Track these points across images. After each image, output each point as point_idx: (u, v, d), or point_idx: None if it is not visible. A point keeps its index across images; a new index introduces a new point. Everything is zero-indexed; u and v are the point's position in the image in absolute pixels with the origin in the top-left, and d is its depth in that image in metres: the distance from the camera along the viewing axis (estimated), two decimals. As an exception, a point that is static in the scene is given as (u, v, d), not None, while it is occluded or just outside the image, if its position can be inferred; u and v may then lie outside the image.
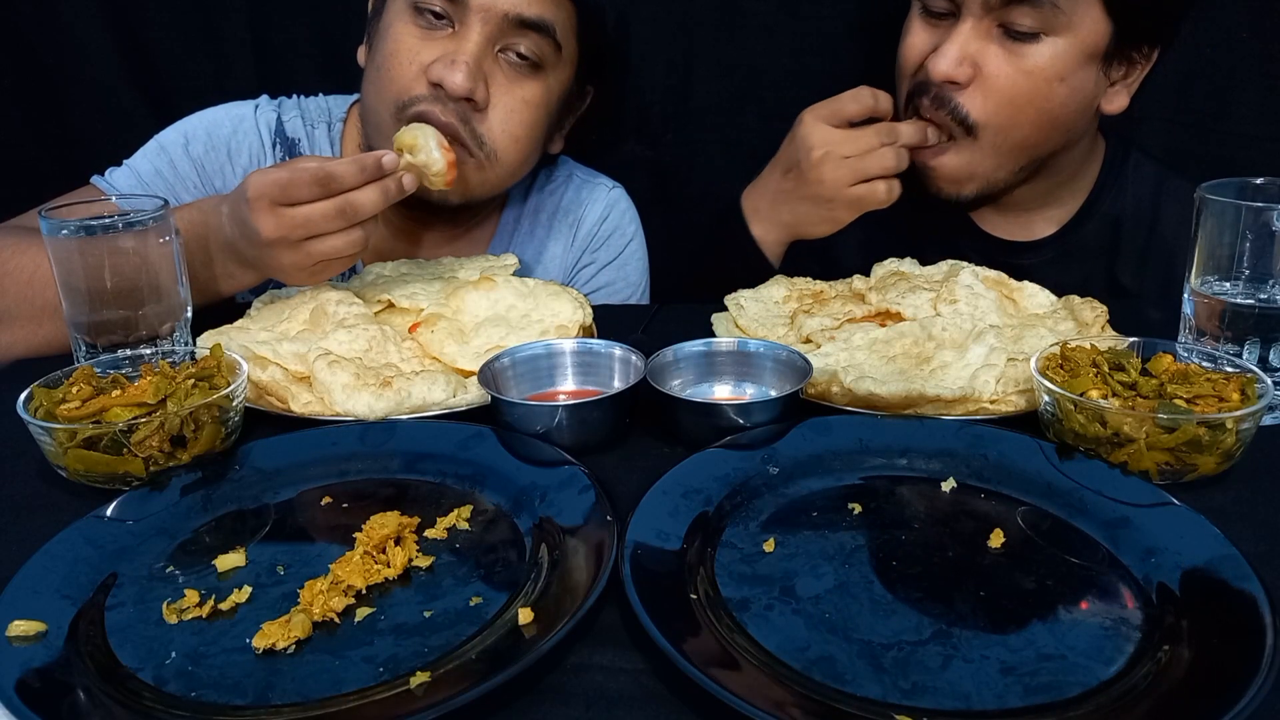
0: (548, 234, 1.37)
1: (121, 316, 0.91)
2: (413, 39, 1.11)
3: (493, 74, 1.12)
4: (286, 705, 0.53)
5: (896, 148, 1.11)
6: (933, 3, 1.13)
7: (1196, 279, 0.87)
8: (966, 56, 1.09)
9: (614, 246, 1.39)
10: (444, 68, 1.08)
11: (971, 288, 1.00)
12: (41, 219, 0.88)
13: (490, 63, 1.12)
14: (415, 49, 1.11)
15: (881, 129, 1.12)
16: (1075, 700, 0.52)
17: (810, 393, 0.87)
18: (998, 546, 0.66)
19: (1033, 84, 1.09)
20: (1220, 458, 0.73)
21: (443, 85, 1.09)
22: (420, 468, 0.78)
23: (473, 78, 1.09)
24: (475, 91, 1.10)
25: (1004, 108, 1.11)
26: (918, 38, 1.15)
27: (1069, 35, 1.08)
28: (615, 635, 0.58)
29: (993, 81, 1.10)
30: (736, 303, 1.06)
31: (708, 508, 0.70)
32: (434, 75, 1.09)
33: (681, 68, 1.47)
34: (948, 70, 1.09)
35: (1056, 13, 1.06)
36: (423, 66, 1.10)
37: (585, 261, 1.38)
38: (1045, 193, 1.25)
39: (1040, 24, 1.07)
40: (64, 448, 0.73)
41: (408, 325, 0.99)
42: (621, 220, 1.39)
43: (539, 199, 1.37)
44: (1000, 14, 1.07)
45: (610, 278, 1.39)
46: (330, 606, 0.60)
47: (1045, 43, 1.08)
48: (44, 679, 0.54)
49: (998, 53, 1.09)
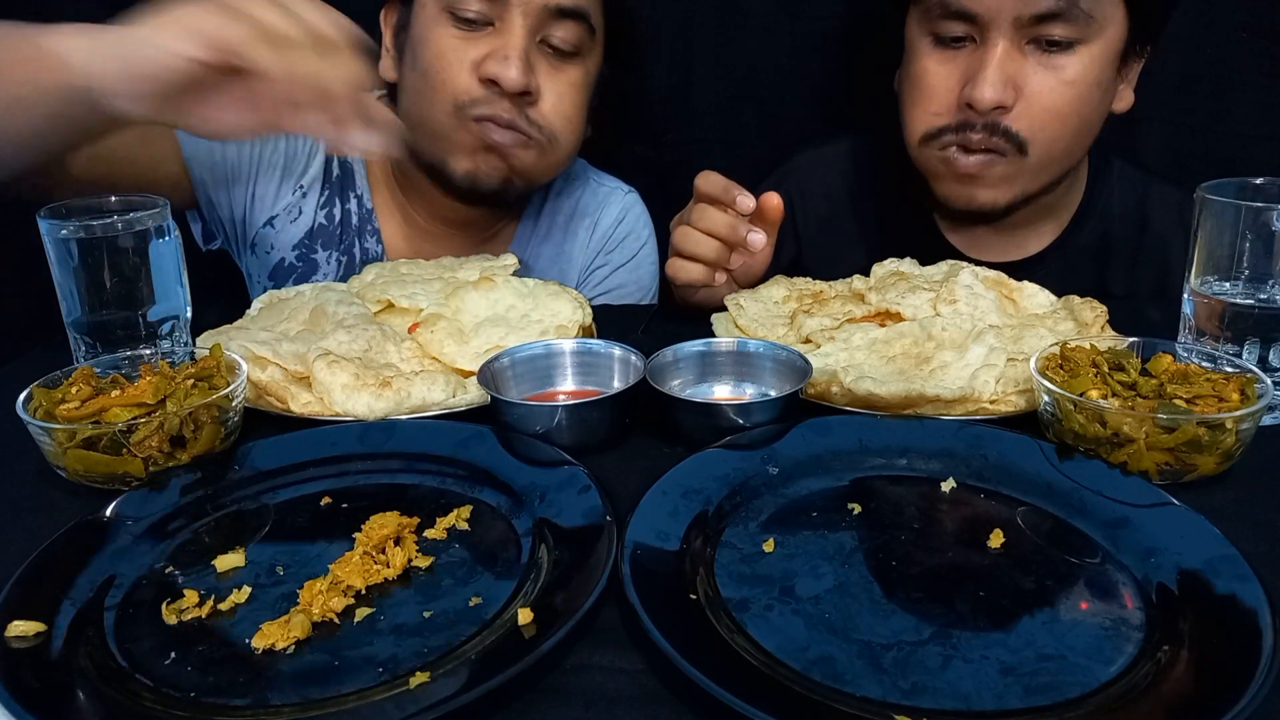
0: (565, 235, 1.39)
1: (121, 316, 0.91)
2: (456, 41, 1.13)
3: (538, 64, 1.15)
4: (286, 705, 0.53)
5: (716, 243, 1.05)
6: (947, 29, 1.10)
7: (1196, 279, 0.86)
8: (1008, 79, 1.07)
9: (628, 249, 1.41)
10: (497, 64, 1.11)
11: (971, 288, 1.00)
12: (41, 219, 0.88)
13: (534, 54, 1.15)
14: (462, 50, 1.13)
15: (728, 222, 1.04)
16: (1075, 701, 0.52)
17: (810, 393, 0.87)
18: (997, 547, 0.66)
19: (1075, 93, 1.08)
20: (1220, 458, 0.73)
21: (498, 81, 1.11)
22: (420, 468, 0.78)
23: (526, 71, 1.12)
24: (530, 84, 1.13)
25: (1050, 122, 1.10)
26: (937, 71, 1.12)
27: (1100, 40, 1.07)
28: (615, 635, 0.58)
29: (1037, 98, 1.08)
30: (736, 303, 1.06)
31: (707, 508, 0.70)
32: (488, 72, 1.11)
33: (681, 68, 1.47)
34: (996, 97, 1.07)
35: (1089, 21, 1.05)
36: (473, 66, 1.12)
37: (599, 263, 1.40)
38: (1039, 207, 1.23)
39: (1075, 34, 1.06)
40: (63, 448, 0.73)
41: (407, 325, 0.99)
42: (636, 224, 1.41)
43: (556, 202, 1.39)
44: (1031, 30, 1.06)
45: (623, 280, 1.41)
46: (330, 607, 0.60)
47: (1080, 52, 1.07)
48: (43, 679, 0.54)
49: (1036, 69, 1.07)
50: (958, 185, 1.16)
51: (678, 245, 1.08)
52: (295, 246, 1.30)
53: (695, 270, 1.07)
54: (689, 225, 1.06)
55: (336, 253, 1.31)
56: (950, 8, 1.08)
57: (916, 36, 1.15)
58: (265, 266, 1.30)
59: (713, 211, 1.05)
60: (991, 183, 1.14)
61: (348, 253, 1.31)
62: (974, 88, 1.07)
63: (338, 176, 1.31)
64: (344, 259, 1.31)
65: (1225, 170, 0.88)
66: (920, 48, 1.14)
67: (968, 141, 1.11)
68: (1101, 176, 1.27)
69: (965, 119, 1.11)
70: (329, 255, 1.31)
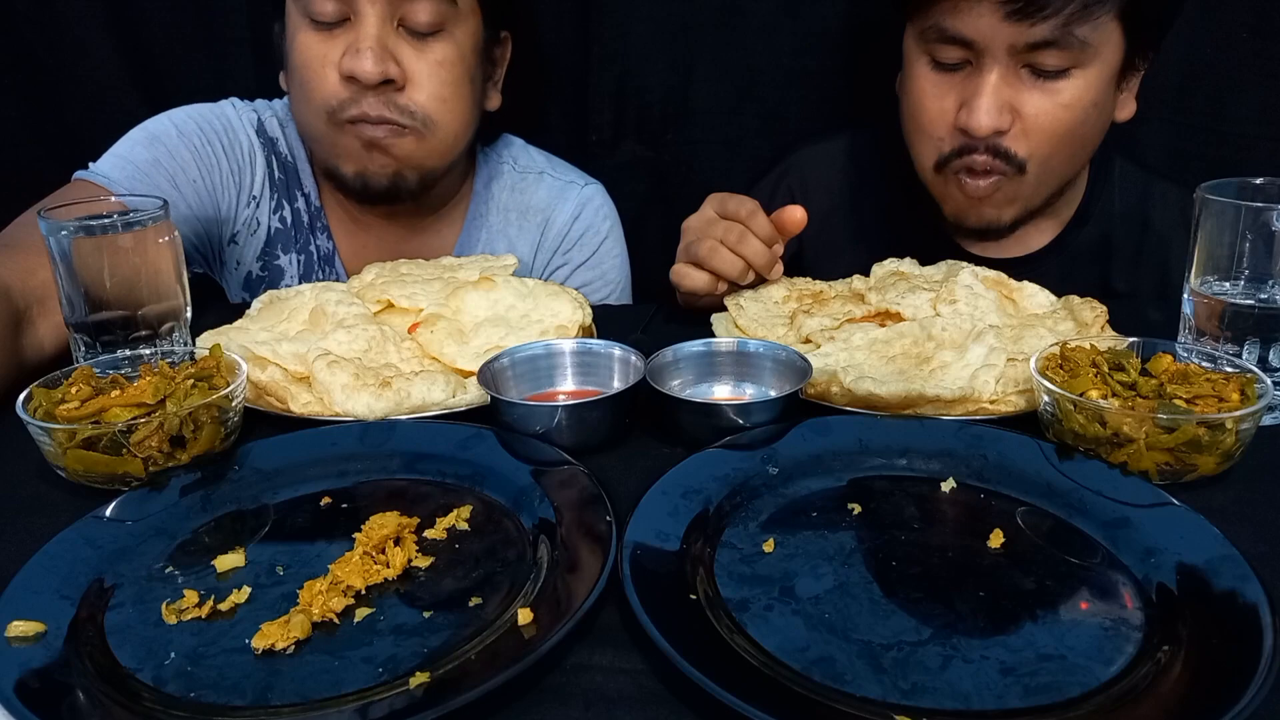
0: (518, 231, 1.36)
1: (121, 316, 0.91)
2: (316, 44, 1.13)
3: (399, 49, 1.13)
4: (286, 706, 0.53)
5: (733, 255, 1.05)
6: (944, 54, 1.11)
7: (1196, 279, 0.86)
8: (1004, 105, 1.08)
9: (587, 246, 1.38)
10: (351, 59, 1.10)
11: (971, 288, 1.00)
12: (41, 219, 0.88)
13: (394, 40, 1.13)
14: (322, 52, 1.13)
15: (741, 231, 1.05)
16: (1075, 700, 0.52)
17: (810, 393, 0.87)
18: (997, 547, 0.66)
19: (1072, 115, 1.09)
20: (1220, 458, 0.73)
21: (355, 76, 1.10)
22: (420, 468, 0.78)
23: (381, 60, 1.10)
24: (388, 72, 1.11)
25: (1046, 143, 1.11)
26: (934, 97, 1.13)
27: (1097, 64, 1.08)
28: (615, 635, 0.58)
29: (1033, 121, 1.09)
30: (736, 303, 1.06)
31: (707, 508, 0.70)
32: (345, 70, 1.11)
33: (681, 68, 1.47)
34: (991, 124, 1.08)
35: (1085, 47, 1.05)
36: (335, 66, 1.12)
37: (558, 263, 1.38)
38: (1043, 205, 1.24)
39: (1069, 61, 1.06)
40: (63, 448, 0.73)
41: (407, 325, 0.99)
42: (595, 219, 1.38)
43: (508, 197, 1.36)
44: (1026, 56, 1.06)
45: (587, 278, 1.38)
46: (329, 607, 0.60)
47: (1076, 76, 1.07)
48: (43, 679, 0.54)
49: (1032, 93, 1.08)
50: (966, 207, 1.18)
51: (703, 257, 1.06)
52: (259, 257, 1.30)
53: (702, 280, 1.06)
54: (720, 243, 1.05)
55: (295, 253, 1.30)
56: (946, 33, 1.08)
57: (914, 56, 1.15)
58: (237, 281, 1.31)
59: (752, 238, 1.04)
60: (997, 203, 1.17)
61: (303, 251, 1.31)
62: (969, 115, 1.08)
63: (280, 179, 1.30)
64: (302, 258, 1.31)
65: (1225, 170, 0.88)
66: (918, 68, 1.15)
67: (973, 164, 1.13)
68: (1102, 176, 1.28)
69: (965, 143, 1.12)
70: (290, 258, 1.30)
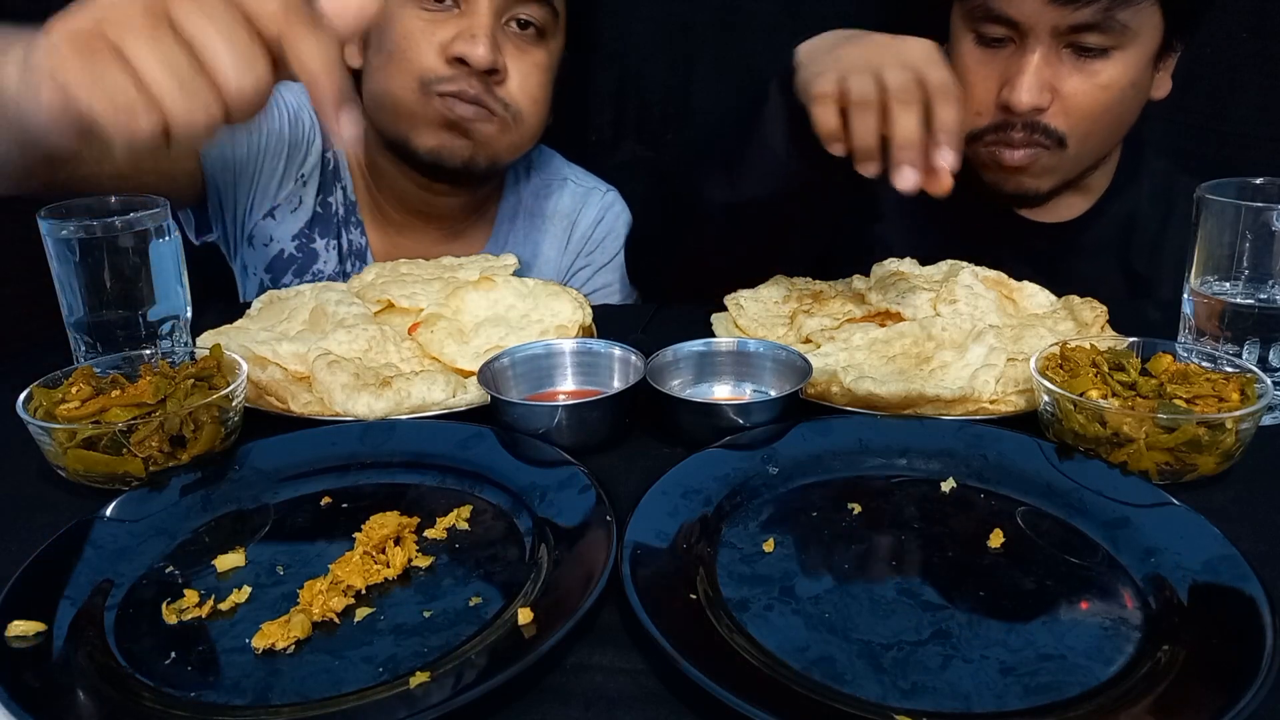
0: (542, 236, 1.39)
1: (121, 316, 0.91)
2: (423, 22, 1.15)
3: (504, 44, 1.16)
4: (286, 705, 0.53)
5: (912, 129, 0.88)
6: (989, 30, 1.14)
7: (1196, 279, 0.86)
8: (1045, 83, 1.11)
9: (609, 249, 1.41)
10: (465, 43, 1.12)
11: (971, 288, 1.00)
12: (41, 219, 0.88)
13: (500, 34, 1.16)
14: (429, 31, 1.14)
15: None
16: (1075, 700, 0.52)
17: (810, 393, 0.87)
18: (997, 546, 0.66)
19: (1110, 95, 1.12)
20: (1220, 458, 0.73)
21: (467, 60, 1.12)
22: (420, 468, 0.78)
23: (493, 50, 1.13)
24: (498, 62, 1.14)
25: (1084, 121, 1.14)
26: (978, 70, 1.16)
27: (1135, 46, 1.10)
28: (615, 635, 0.58)
29: (1072, 100, 1.12)
30: (736, 303, 1.06)
31: (707, 508, 0.70)
32: (456, 51, 1.13)
33: (681, 68, 1.47)
34: (1032, 102, 1.11)
35: (1125, 30, 1.08)
36: (441, 46, 1.14)
37: (580, 264, 1.41)
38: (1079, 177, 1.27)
39: (1110, 42, 1.09)
40: (63, 448, 0.73)
41: (407, 325, 0.99)
42: (616, 224, 1.42)
43: (534, 203, 1.39)
44: (1068, 37, 1.09)
45: (607, 279, 1.41)
46: (330, 607, 0.60)
47: (1115, 57, 1.10)
48: (43, 679, 0.54)
49: (1072, 73, 1.11)
50: (1004, 175, 1.21)
51: (854, 99, 0.88)
52: (295, 236, 1.30)
53: (833, 123, 0.91)
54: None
55: (333, 239, 1.31)
56: (992, 12, 1.12)
57: (960, 32, 1.18)
58: (263, 259, 1.30)
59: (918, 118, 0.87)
60: (1036, 173, 1.19)
61: (337, 240, 1.32)
62: (1012, 92, 1.12)
63: (331, 166, 1.32)
64: (336, 244, 1.32)
65: (1225, 170, 0.88)
66: (963, 45, 1.18)
67: (1010, 140, 1.16)
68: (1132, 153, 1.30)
69: (1005, 119, 1.15)
70: (327, 243, 1.31)
